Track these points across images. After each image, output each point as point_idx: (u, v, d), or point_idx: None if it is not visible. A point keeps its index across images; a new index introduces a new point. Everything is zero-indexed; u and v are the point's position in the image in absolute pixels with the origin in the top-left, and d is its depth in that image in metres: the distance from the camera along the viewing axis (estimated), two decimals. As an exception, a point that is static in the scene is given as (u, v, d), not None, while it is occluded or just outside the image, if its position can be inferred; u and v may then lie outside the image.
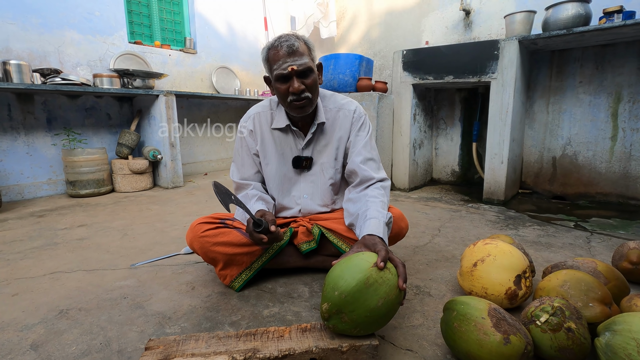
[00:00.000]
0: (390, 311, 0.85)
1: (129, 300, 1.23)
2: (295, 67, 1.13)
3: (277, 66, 1.15)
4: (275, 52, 1.15)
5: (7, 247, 1.77)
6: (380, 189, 1.22)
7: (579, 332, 0.81)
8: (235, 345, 0.86)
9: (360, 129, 1.32)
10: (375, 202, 1.14)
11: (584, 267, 1.10)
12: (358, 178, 1.26)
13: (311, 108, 1.23)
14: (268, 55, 1.18)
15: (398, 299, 0.86)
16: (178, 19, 3.94)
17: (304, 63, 1.15)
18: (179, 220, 2.21)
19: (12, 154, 2.78)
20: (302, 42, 1.18)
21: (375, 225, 1.04)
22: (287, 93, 1.18)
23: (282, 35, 1.17)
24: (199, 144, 4.12)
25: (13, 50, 2.70)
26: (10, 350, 0.96)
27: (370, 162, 1.29)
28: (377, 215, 1.08)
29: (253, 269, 1.28)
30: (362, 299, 0.82)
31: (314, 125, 1.30)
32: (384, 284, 0.83)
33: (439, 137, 3.51)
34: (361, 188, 1.25)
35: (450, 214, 2.34)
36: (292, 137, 1.33)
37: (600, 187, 2.70)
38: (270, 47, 1.17)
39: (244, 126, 1.35)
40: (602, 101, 2.63)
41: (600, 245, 1.75)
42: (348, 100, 1.37)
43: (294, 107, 1.20)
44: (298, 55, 1.14)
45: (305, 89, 1.17)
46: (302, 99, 1.18)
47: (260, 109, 1.35)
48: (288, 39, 1.14)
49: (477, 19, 3.16)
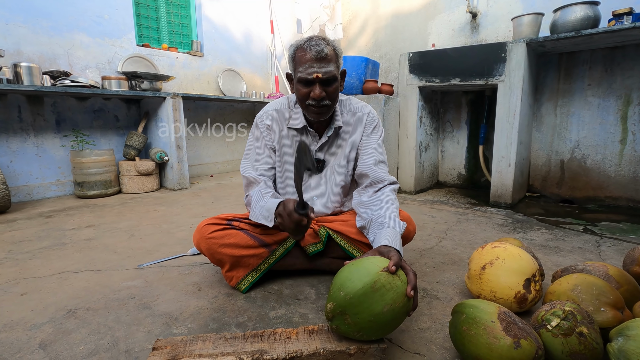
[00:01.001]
0: (395, 319, 0.83)
1: (136, 300, 1.23)
2: (320, 75, 1.12)
3: (302, 69, 1.14)
4: (302, 54, 1.14)
5: (16, 246, 1.79)
6: (392, 192, 1.21)
7: (591, 337, 0.79)
8: (243, 346, 0.86)
9: (372, 132, 1.33)
10: (389, 209, 1.13)
11: (595, 271, 1.09)
12: (369, 179, 1.25)
13: (328, 114, 1.24)
14: (295, 55, 1.18)
15: (405, 308, 0.84)
16: (185, 22, 3.97)
17: (330, 71, 1.13)
18: (185, 222, 2.22)
19: (22, 155, 2.82)
20: (332, 49, 1.16)
21: (392, 235, 1.02)
22: (307, 97, 1.17)
23: (312, 37, 1.16)
24: (205, 145, 4.14)
25: (24, 53, 2.74)
26: (20, 349, 0.96)
27: (382, 165, 1.28)
28: (392, 225, 1.06)
29: (259, 271, 1.28)
30: (367, 302, 0.80)
31: (331, 128, 1.30)
32: (391, 290, 0.82)
33: (445, 139, 3.49)
34: (372, 191, 1.24)
35: (457, 217, 2.33)
36: (307, 138, 1.33)
37: (610, 190, 2.67)
38: (299, 47, 1.16)
39: (261, 120, 1.33)
40: (612, 104, 2.60)
41: (610, 249, 1.72)
42: (362, 104, 1.37)
43: (311, 111, 1.21)
44: (325, 63, 1.13)
45: (326, 96, 1.17)
46: (321, 105, 1.18)
47: (278, 106, 1.34)
48: (318, 43, 1.12)
49: (484, 21, 3.15)
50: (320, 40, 1.14)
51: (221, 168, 4.34)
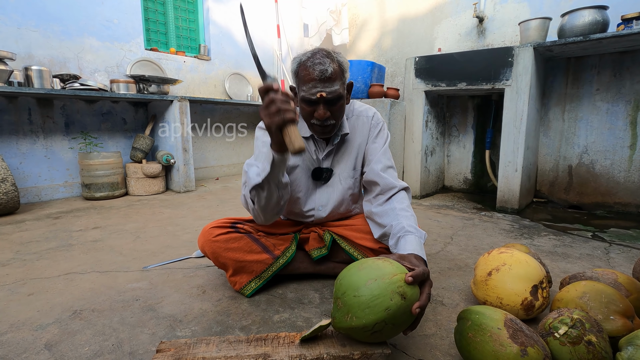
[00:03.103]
0: (389, 326, 0.79)
1: (141, 302, 1.23)
2: (325, 94, 1.08)
3: (305, 88, 1.10)
4: (305, 73, 1.09)
5: (24, 247, 1.81)
6: (405, 199, 1.17)
7: (599, 345, 0.78)
8: (246, 350, 0.85)
9: (378, 136, 1.29)
10: (406, 217, 1.08)
11: (603, 278, 1.07)
12: (379, 187, 1.20)
13: (333, 132, 1.20)
14: (298, 71, 1.13)
15: (403, 320, 0.79)
16: (193, 27, 4.02)
17: (334, 91, 1.09)
18: (191, 224, 2.23)
19: (31, 156, 2.86)
20: (336, 65, 1.10)
21: (417, 243, 0.98)
22: (312, 116, 1.14)
23: (316, 54, 1.10)
24: (211, 148, 4.17)
25: (35, 57, 2.78)
26: (25, 349, 0.97)
27: (390, 170, 1.24)
28: (415, 232, 1.03)
29: (263, 278, 1.26)
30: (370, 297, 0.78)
31: (337, 136, 1.26)
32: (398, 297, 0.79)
33: (451, 144, 3.47)
34: (384, 199, 1.19)
35: (462, 222, 2.31)
36: (313, 146, 1.28)
37: (619, 196, 2.63)
38: (302, 63, 1.11)
39: None
40: (621, 109, 2.57)
41: (619, 256, 1.69)
42: (366, 107, 1.34)
43: (316, 130, 1.18)
44: (329, 82, 1.07)
45: (331, 116, 1.13)
46: (325, 125, 1.15)
47: None
48: (322, 62, 1.06)
49: (491, 26, 3.14)
50: (325, 59, 1.08)
51: (227, 171, 4.36)
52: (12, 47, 2.66)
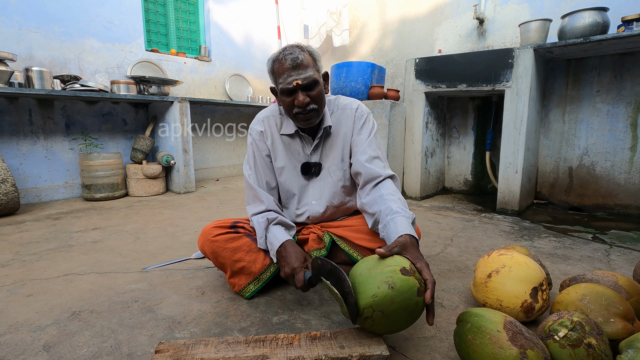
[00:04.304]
0: (378, 313, 0.83)
1: (140, 303, 1.23)
2: (300, 82, 1.12)
3: (282, 80, 1.14)
4: (279, 65, 1.14)
5: (24, 248, 1.81)
6: (391, 185, 1.18)
7: (599, 348, 0.77)
8: (244, 351, 0.85)
9: (362, 127, 1.29)
10: (393, 200, 1.11)
11: (604, 280, 1.07)
12: (364, 177, 1.22)
13: (317, 119, 1.22)
14: (273, 68, 1.17)
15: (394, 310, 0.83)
16: (194, 28, 4.02)
17: (309, 76, 1.13)
18: (191, 225, 2.22)
19: (32, 157, 2.86)
20: (307, 54, 1.15)
21: (406, 224, 1.01)
22: (293, 106, 1.17)
23: (286, 48, 1.16)
24: (211, 149, 4.17)
25: (35, 58, 2.79)
26: (24, 351, 0.97)
27: (376, 160, 1.24)
28: (403, 212, 1.05)
29: (262, 280, 1.26)
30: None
31: (321, 129, 1.28)
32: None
33: (452, 145, 3.47)
34: (369, 188, 1.20)
35: (462, 223, 2.30)
36: (299, 143, 1.32)
37: (620, 198, 2.63)
38: (275, 59, 1.16)
39: (254, 129, 1.33)
40: (621, 110, 2.57)
41: (620, 258, 1.69)
42: (351, 100, 1.35)
43: (300, 119, 1.20)
44: (302, 68, 1.12)
45: (311, 101, 1.16)
46: (307, 111, 1.17)
47: (269, 113, 1.34)
48: (292, 51, 1.13)
49: (491, 27, 3.14)
50: (294, 48, 1.14)
51: (227, 172, 4.36)
52: (13, 48, 2.66)
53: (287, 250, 1.13)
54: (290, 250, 1.13)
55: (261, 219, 1.23)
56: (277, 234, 1.19)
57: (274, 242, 1.18)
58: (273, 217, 1.24)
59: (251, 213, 1.28)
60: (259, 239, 1.23)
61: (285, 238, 1.17)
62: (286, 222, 1.27)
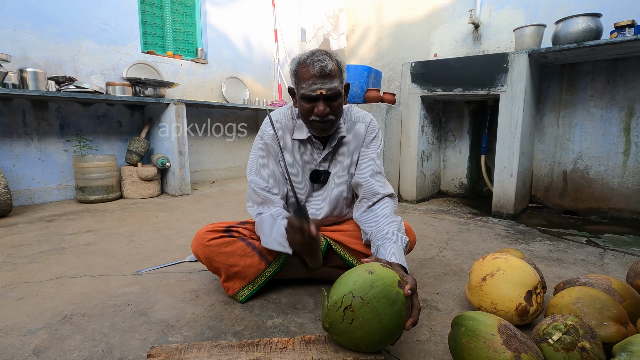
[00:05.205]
0: (357, 300, 0.81)
1: (133, 307, 1.22)
2: (324, 92, 1.10)
3: (305, 85, 1.12)
4: (305, 70, 1.12)
5: (16, 250, 1.79)
6: (388, 205, 1.20)
7: (593, 352, 0.78)
8: (238, 355, 0.84)
9: (372, 142, 1.31)
10: (388, 223, 1.12)
11: (597, 284, 1.07)
12: (364, 191, 1.23)
13: (333, 129, 1.22)
14: (297, 70, 1.15)
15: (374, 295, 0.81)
16: (190, 30, 4.02)
17: (334, 87, 1.11)
18: (185, 228, 2.21)
19: (25, 159, 2.84)
20: (335, 63, 1.13)
21: (397, 251, 1.02)
22: (311, 113, 1.15)
23: (315, 52, 1.13)
24: (207, 152, 4.16)
25: (30, 59, 2.77)
26: (13, 355, 0.95)
27: (379, 176, 1.26)
28: (395, 239, 1.06)
29: (256, 284, 1.25)
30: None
31: (335, 139, 1.27)
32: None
33: (447, 149, 3.48)
34: (367, 205, 1.22)
35: (458, 226, 2.31)
36: (310, 149, 1.30)
37: (613, 202, 2.65)
38: (301, 62, 1.14)
39: (266, 132, 1.28)
40: (614, 115, 2.60)
41: (613, 262, 1.70)
42: (364, 113, 1.36)
43: (316, 127, 1.18)
44: (329, 79, 1.10)
45: (331, 112, 1.15)
46: (325, 121, 1.16)
47: (282, 117, 1.30)
48: (322, 59, 1.10)
49: (486, 32, 3.17)
50: (324, 56, 1.11)
51: (223, 174, 4.34)
52: (7, 49, 2.64)
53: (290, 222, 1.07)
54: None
55: (266, 215, 1.20)
56: (282, 224, 1.15)
57: (281, 228, 1.13)
58: (278, 212, 1.20)
59: (257, 212, 1.24)
60: (266, 237, 1.17)
61: None
62: None
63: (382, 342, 0.82)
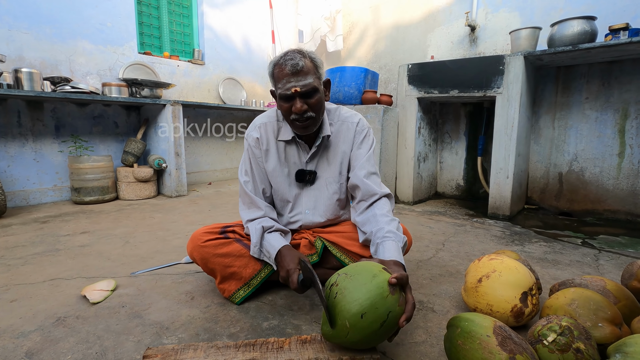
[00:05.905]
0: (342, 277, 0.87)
1: (127, 309, 1.21)
2: (299, 89, 1.10)
3: (280, 85, 1.13)
4: (279, 70, 1.13)
5: (9, 252, 1.77)
6: (386, 205, 1.21)
7: (588, 353, 0.78)
8: (234, 355, 0.84)
9: (363, 142, 1.30)
10: (386, 222, 1.13)
11: (592, 285, 1.07)
12: (361, 193, 1.24)
13: (315, 127, 1.21)
14: (273, 72, 1.16)
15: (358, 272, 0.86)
16: (187, 31, 4.01)
17: (308, 84, 1.11)
18: (181, 229, 2.20)
19: (20, 160, 2.82)
20: (308, 60, 1.13)
21: (395, 249, 1.04)
22: (290, 112, 1.16)
23: (288, 52, 1.14)
24: (203, 153, 4.14)
25: (26, 59, 2.75)
26: (5, 358, 0.94)
27: (374, 177, 1.26)
28: (393, 237, 1.07)
29: (252, 285, 1.25)
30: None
31: (319, 138, 1.27)
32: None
33: (444, 150, 3.49)
34: (365, 206, 1.22)
35: (454, 228, 2.31)
36: (296, 150, 1.31)
37: (608, 204, 2.66)
38: (276, 63, 1.15)
39: (250, 135, 1.30)
40: (609, 117, 2.62)
41: (608, 263, 1.71)
42: (352, 113, 1.35)
43: (296, 126, 1.19)
44: (302, 75, 1.11)
45: (309, 108, 1.15)
46: (304, 119, 1.16)
47: (266, 119, 1.32)
48: (293, 57, 1.11)
49: (483, 34, 3.18)
50: (295, 54, 1.12)
51: (219, 176, 4.33)
52: (2, 49, 2.63)
53: (283, 254, 1.13)
54: (286, 253, 1.13)
55: (257, 225, 1.22)
56: (273, 242, 1.18)
57: (271, 250, 1.17)
58: (269, 225, 1.23)
59: (246, 219, 1.27)
60: (253, 247, 1.22)
61: (282, 244, 1.17)
62: (282, 229, 1.27)
63: (365, 315, 0.78)
